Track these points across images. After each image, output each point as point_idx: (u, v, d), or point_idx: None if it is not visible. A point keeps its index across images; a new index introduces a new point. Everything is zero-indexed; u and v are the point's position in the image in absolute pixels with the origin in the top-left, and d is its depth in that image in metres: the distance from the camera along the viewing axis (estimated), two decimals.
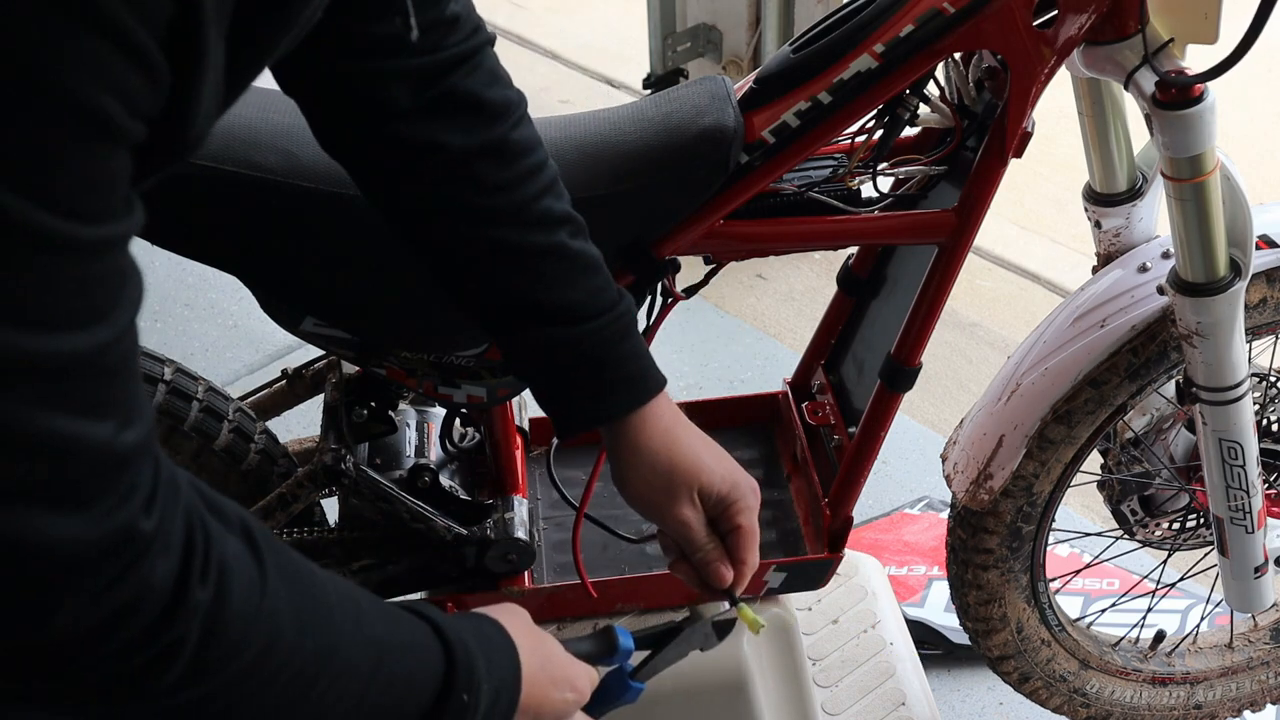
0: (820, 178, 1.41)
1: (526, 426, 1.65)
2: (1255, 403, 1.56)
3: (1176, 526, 1.74)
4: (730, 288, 3.01)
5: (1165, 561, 1.88)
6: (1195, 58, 1.34)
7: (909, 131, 1.44)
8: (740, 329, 2.93)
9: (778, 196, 1.39)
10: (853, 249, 1.67)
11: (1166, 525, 1.74)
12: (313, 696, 0.79)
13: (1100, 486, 1.75)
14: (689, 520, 1.11)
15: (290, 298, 1.37)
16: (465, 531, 1.48)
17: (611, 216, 1.30)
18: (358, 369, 1.50)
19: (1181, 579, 1.90)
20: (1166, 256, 1.51)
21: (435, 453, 1.57)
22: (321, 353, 1.54)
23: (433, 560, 1.51)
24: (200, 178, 1.22)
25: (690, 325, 2.87)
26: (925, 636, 2.13)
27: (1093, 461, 1.68)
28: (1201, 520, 1.72)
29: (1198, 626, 1.94)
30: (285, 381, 1.62)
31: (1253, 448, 1.52)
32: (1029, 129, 1.35)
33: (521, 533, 1.50)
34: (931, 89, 1.41)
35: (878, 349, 1.54)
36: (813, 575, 1.61)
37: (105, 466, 0.65)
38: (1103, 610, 1.95)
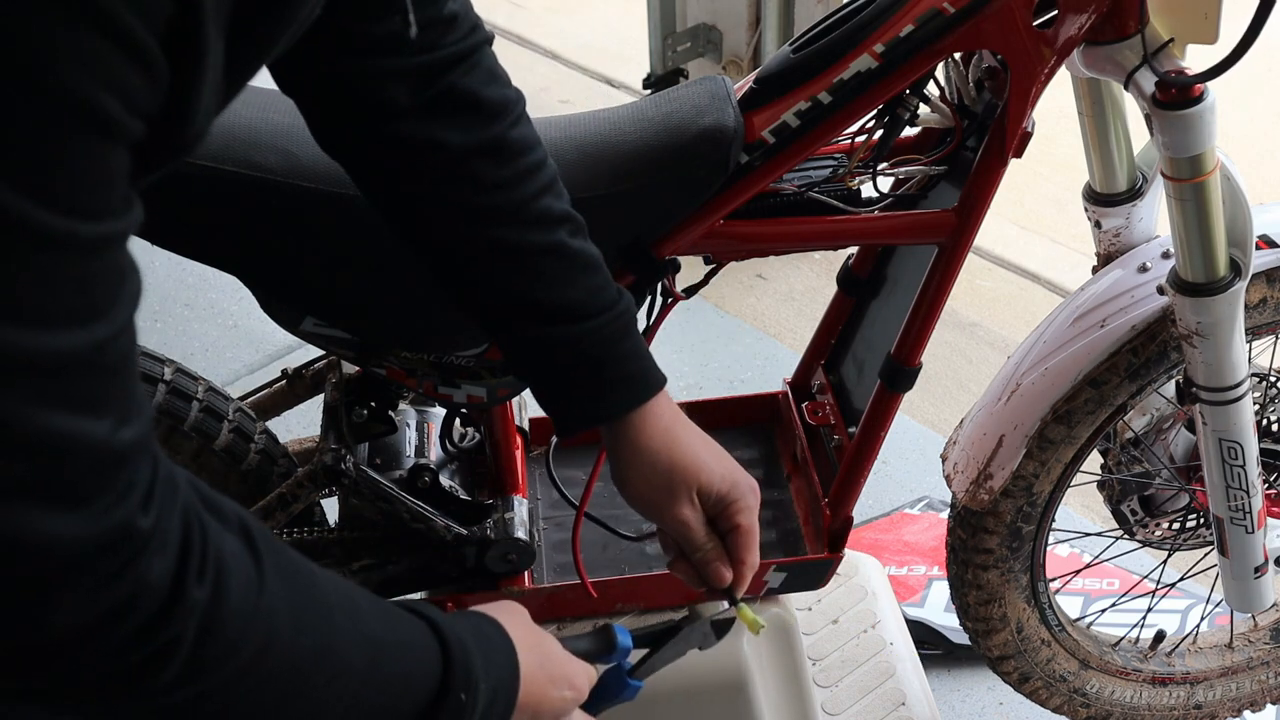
0: (820, 178, 1.41)
1: (526, 426, 1.65)
2: (1255, 403, 1.56)
3: (1176, 526, 1.74)
4: (730, 288, 3.00)
5: (1165, 561, 1.88)
6: (1195, 58, 1.34)
7: (909, 131, 1.44)
8: (740, 329, 2.93)
9: (778, 196, 1.39)
10: (853, 249, 1.67)
11: (1166, 525, 1.74)
12: (309, 695, 0.79)
13: (1100, 486, 1.75)
14: (688, 519, 1.11)
15: (290, 298, 1.37)
16: (465, 531, 1.48)
17: (611, 216, 1.30)
18: (358, 369, 1.50)
19: (1181, 579, 1.90)
20: (1166, 256, 1.51)
21: (435, 453, 1.57)
22: (321, 353, 1.54)
23: (433, 560, 1.51)
24: (200, 178, 1.22)
25: (690, 325, 2.87)
26: (925, 636, 2.13)
27: (1093, 461, 1.68)
28: (1201, 520, 1.72)
29: (1198, 626, 1.94)
30: (285, 381, 1.62)
31: (1253, 448, 1.52)
32: (1029, 129, 1.35)
33: (521, 533, 1.50)
34: (931, 89, 1.41)
35: (878, 349, 1.54)
36: (813, 575, 1.61)
37: (103, 464, 0.65)
38: (1103, 610, 1.95)
